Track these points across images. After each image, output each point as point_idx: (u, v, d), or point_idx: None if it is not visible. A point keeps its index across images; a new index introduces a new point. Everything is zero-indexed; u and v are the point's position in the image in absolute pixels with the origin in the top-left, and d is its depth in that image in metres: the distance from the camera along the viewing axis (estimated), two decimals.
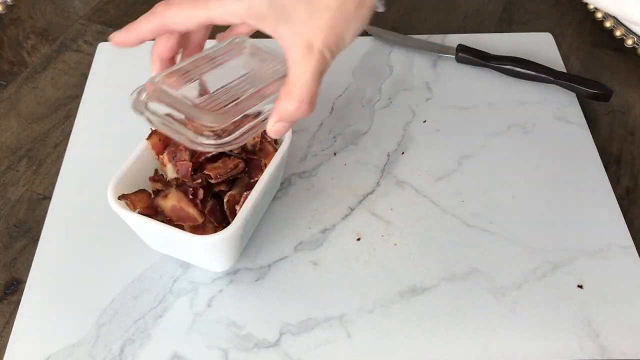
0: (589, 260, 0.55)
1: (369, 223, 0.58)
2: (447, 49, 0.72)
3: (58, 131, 0.67)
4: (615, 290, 0.53)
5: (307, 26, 0.42)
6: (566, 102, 0.68)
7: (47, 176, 0.63)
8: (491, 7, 0.82)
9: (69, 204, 0.59)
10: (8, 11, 0.80)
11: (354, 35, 0.44)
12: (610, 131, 0.67)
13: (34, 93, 0.71)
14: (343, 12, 0.42)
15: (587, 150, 0.64)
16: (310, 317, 0.52)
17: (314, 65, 0.42)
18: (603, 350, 0.50)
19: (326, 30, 0.42)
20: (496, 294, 0.53)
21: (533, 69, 0.69)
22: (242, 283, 0.54)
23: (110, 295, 0.53)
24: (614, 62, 0.75)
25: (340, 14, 0.42)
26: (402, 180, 0.61)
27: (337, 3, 0.42)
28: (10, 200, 0.61)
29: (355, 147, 0.64)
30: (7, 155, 0.65)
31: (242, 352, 0.50)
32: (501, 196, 0.60)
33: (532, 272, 0.55)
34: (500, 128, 0.66)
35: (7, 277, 0.56)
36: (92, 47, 0.75)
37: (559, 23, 0.80)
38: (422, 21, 0.80)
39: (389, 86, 0.70)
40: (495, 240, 0.57)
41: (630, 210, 0.60)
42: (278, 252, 0.56)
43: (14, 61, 0.75)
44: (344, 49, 0.44)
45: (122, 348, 0.50)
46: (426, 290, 0.54)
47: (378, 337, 0.51)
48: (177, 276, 0.54)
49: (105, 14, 0.80)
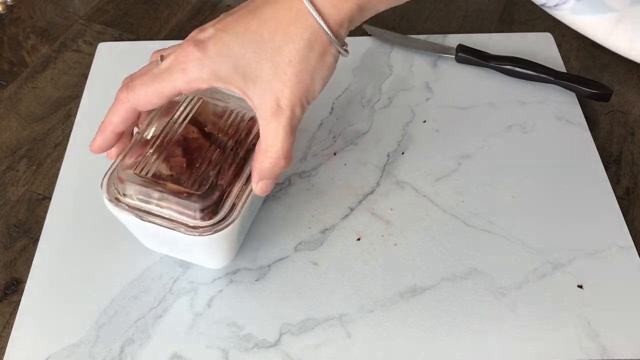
0: (588, 260, 0.55)
1: (369, 223, 0.58)
2: (447, 49, 0.72)
3: (58, 131, 0.67)
4: (615, 290, 0.53)
5: (272, 84, 0.42)
6: (566, 102, 0.68)
7: (47, 176, 0.63)
8: (491, 7, 0.82)
9: (69, 204, 0.59)
10: (8, 11, 0.80)
11: (323, 85, 0.44)
12: (610, 131, 0.67)
13: (34, 93, 0.71)
14: (307, 65, 0.42)
15: (587, 150, 0.64)
16: (310, 317, 0.52)
17: (284, 123, 0.42)
18: (603, 350, 0.50)
19: (292, 85, 0.42)
20: (496, 294, 0.53)
21: (533, 69, 0.69)
22: (242, 283, 0.54)
23: (110, 296, 0.53)
24: (613, 62, 0.75)
25: (305, 67, 0.42)
26: (402, 180, 0.61)
27: (299, 57, 0.42)
28: (10, 200, 0.61)
29: (355, 147, 0.64)
30: (7, 155, 0.65)
31: (242, 352, 0.50)
32: (501, 196, 0.60)
33: (532, 272, 0.55)
34: (500, 128, 0.66)
35: (7, 277, 0.56)
36: (92, 47, 0.75)
37: (558, 23, 0.80)
38: (422, 21, 0.80)
39: (389, 86, 0.70)
40: (495, 240, 0.57)
41: (630, 210, 0.60)
42: (278, 252, 0.56)
43: (14, 61, 0.75)
44: (315, 99, 0.44)
45: (122, 348, 0.50)
46: (426, 290, 0.54)
47: (378, 337, 0.51)
48: (177, 276, 0.54)
49: (105, 14, 0.80)
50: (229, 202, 0.47)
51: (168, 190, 0.46)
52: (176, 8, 0.81)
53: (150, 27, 0.78)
